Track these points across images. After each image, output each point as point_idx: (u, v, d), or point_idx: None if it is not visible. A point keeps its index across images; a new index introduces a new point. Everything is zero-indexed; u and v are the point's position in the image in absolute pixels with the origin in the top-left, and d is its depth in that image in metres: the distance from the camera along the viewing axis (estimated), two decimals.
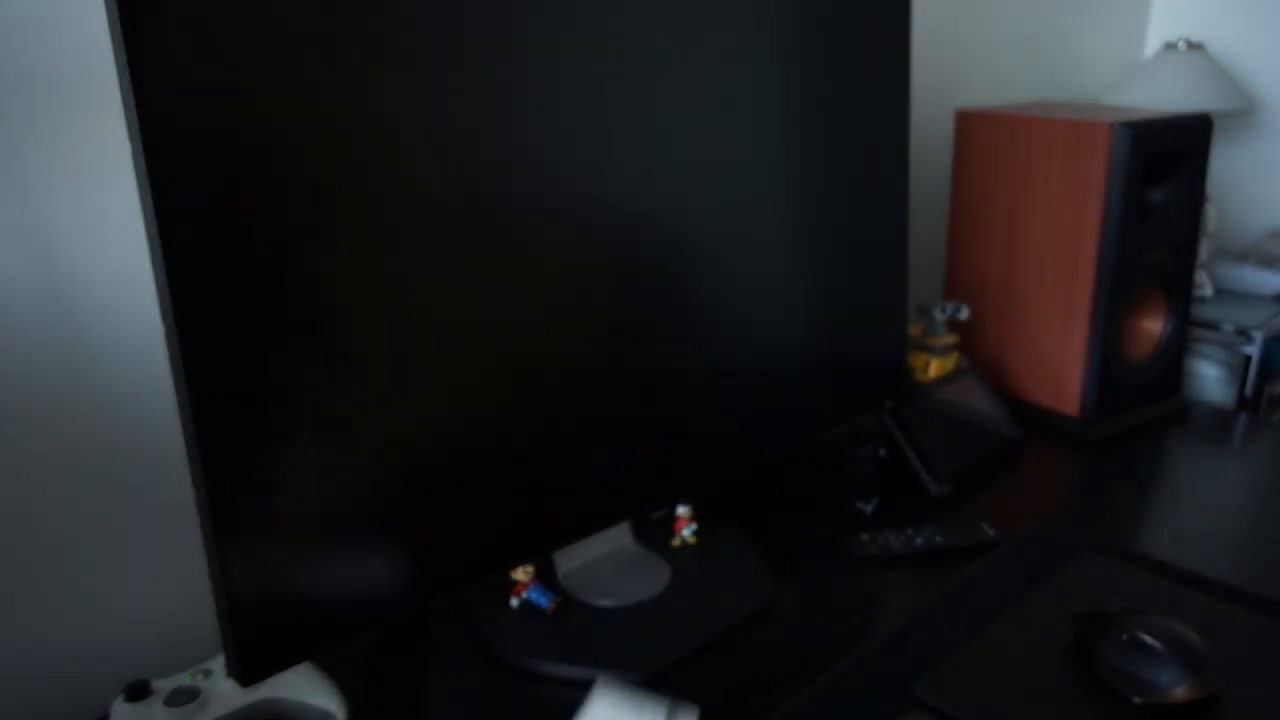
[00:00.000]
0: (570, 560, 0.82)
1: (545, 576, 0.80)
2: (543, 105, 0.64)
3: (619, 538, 0.86)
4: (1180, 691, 0.64)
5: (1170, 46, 1.57)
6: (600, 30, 0.66)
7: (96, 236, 0.69)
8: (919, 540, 0.87)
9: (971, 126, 1.14)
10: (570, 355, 0.69)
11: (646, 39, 0.69)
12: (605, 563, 0.83)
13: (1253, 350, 1.28)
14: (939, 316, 1.07)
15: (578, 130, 0.66)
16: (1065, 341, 1.09)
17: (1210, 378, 1.34)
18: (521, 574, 0.77)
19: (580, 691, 0.71)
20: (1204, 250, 1.46)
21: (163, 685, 0.63)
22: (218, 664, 0.64)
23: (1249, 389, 1.31)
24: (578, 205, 0.67)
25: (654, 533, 0.87)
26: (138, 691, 0.62)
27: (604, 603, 0.78)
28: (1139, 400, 1.11)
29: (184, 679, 0.64)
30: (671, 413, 0.77)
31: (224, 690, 0.63)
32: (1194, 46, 1.55)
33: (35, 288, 0.67)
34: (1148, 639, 0.65)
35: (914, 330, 1.07)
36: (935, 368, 1.05)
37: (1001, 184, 1.11)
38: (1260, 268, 1.48)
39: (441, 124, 0.59)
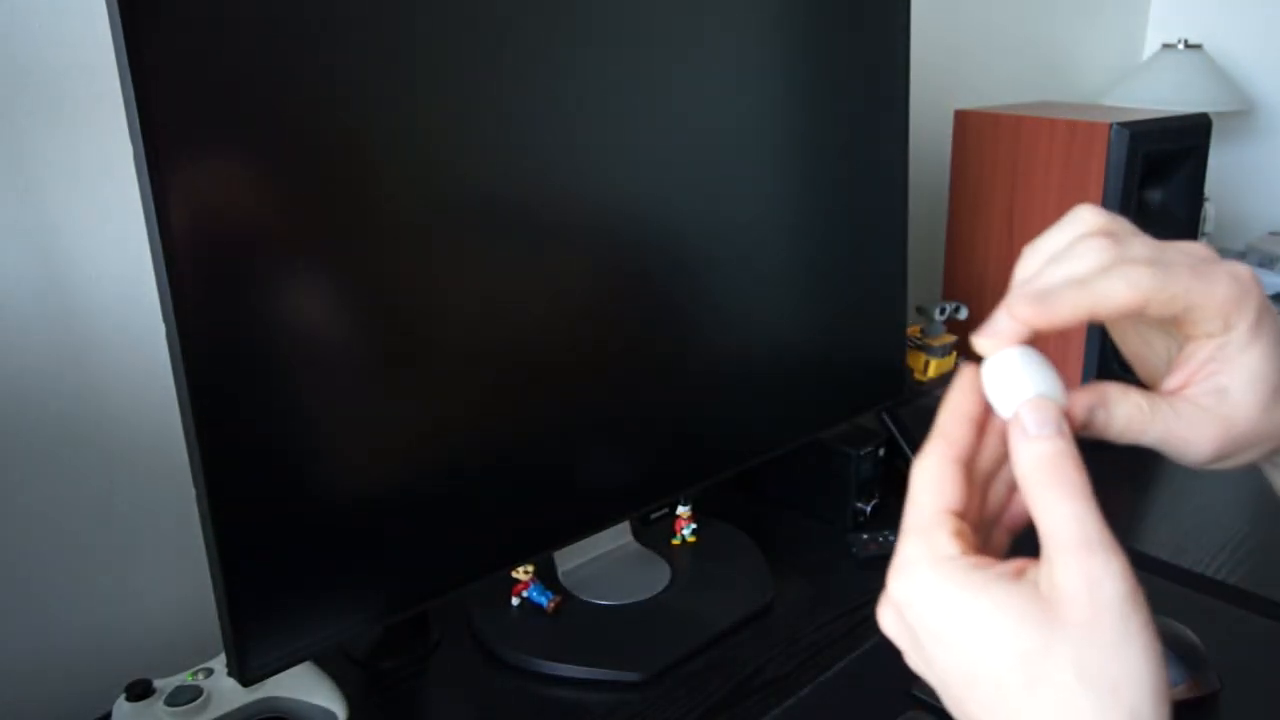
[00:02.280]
0: (570, 560, 0.82)
1: (545, 576, 0.80)
2: (547, 108, 0.64)
3: (619, 537, 0.86)
4: (1179, 691, 0.64)
5: (1169, 47, 1.57)
6: (606, 35, 0.66)
7: (96, 236, 0.69)
8: None
9: (971, 126, 1.14)
10: (569, 356, 0.69)
11: (650, 42, 0.69)
12: (605, 562, 0.83)
13: None
14: (938, 316, 1.07)
15: (579, 133, 0.66)
16: (1064, 341, 1.09)
17: None
18: (521, 574, 0.77)
19: (580, 691, 0.71)
20: None
21: (164, 684, 0.63)
22: (219, 663, 0.64)
23: None
24: (578, 208, 0.67)
25: (654, 532, 0.87)
26: (139, 691, 0.62)
27: (604, 602, 0.79)
28: None
29: (185, 678, 0.64)
30: (672, 413, 0.77)
31: (225, 689, 0.63)
32: (1192, 47, 1.55)
33: (35, 288, 0.67)
34: None
35: (913, 330, 1.07)
36: (934, 368, 1.05)
37: (1001, 184, 1.12)
38: (1258, 268, 1.48)
39: (443, 123, 0.59)
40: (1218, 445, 0.37)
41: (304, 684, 0.65)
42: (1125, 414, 0.37)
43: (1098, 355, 1.05)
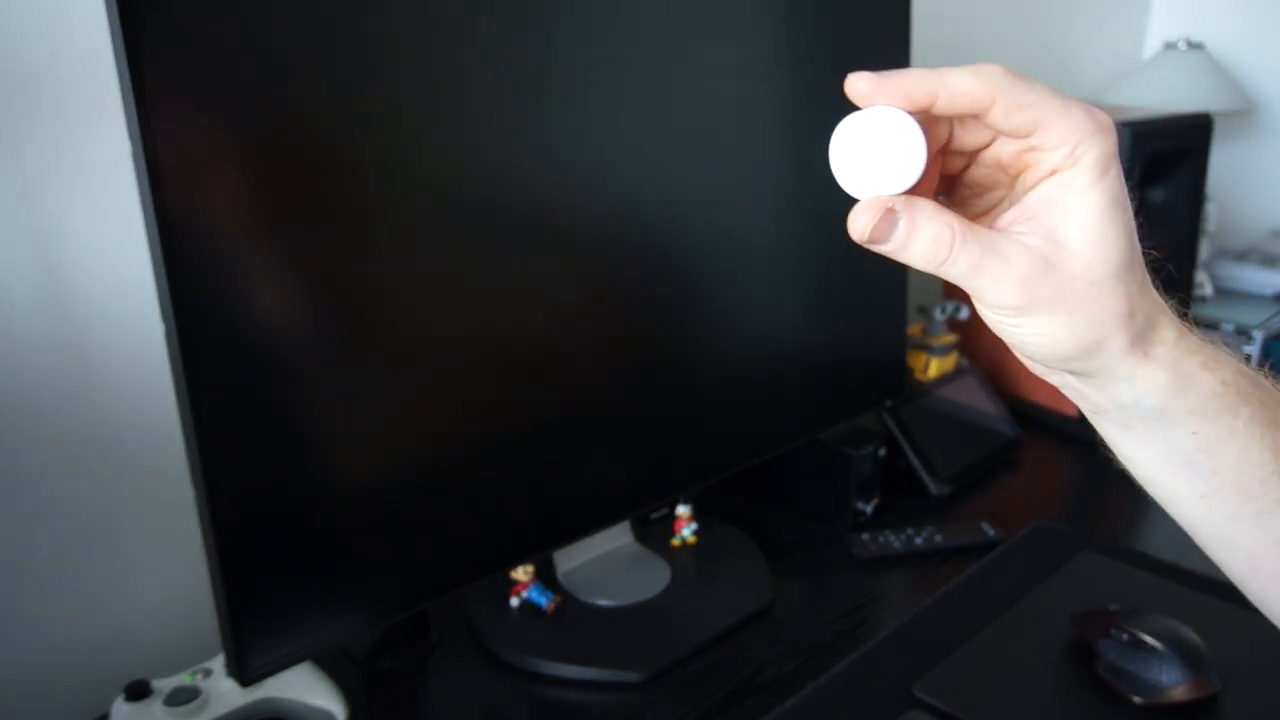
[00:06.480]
0: (570, 560, 0.82)
1: (545, 576, 0.80)
2: (550, 108, 0.64)
3: (619, 537, 0.85)
4: (1180, 691, 0.64)
5: (1170, 46, 1.56)
6: (610, 36, 0.66)
7: (96, 237, 0.69)
8: (919, 540, 0.87)
9: None
10: (570, 355, 0.69)
11: (652, 42, 0.69)
12: (605, 563, 0.83)
13: (1253, 350, 1.28)
14: (939, 316, 1.07)
15: (582, 133, 0.66)
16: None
17: None
18: (521, 574, 0.77)
19: (579, 692, 0.71)
20: (1204, 250, 1.46)
21: (163, 685, 0.63)
22: (218, 664, 0.64)
23: None
24: (579, 207, 0.67)
25: (654, 533, 0.87)
26: (138, 691, 0.62)
27: (604, 603, 0.78)
28: None
29: (184, 679, 0.64)
30: (672, 412, 0.77)
31: (224, 690, 0.63)
32: (1194, 46, 1.55)
33: (35, 288, 0.67)
34: (1148, 639, 0.65)
35: (914, 330, 1.07)
36: (935, 367, 1.05)
37: None
38: (1260, 267, 1.47)
39: (446, 124, 0.59)
40: (1024, 289, 0.34)
41: (303, 684, 0.65)
42: (931, 233, 0.34)
43: None
